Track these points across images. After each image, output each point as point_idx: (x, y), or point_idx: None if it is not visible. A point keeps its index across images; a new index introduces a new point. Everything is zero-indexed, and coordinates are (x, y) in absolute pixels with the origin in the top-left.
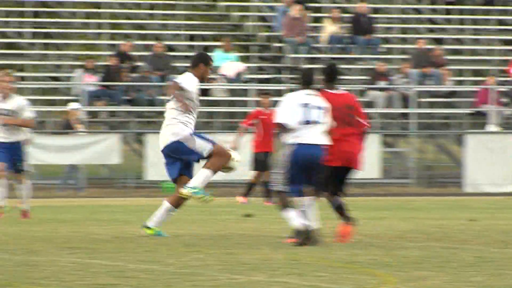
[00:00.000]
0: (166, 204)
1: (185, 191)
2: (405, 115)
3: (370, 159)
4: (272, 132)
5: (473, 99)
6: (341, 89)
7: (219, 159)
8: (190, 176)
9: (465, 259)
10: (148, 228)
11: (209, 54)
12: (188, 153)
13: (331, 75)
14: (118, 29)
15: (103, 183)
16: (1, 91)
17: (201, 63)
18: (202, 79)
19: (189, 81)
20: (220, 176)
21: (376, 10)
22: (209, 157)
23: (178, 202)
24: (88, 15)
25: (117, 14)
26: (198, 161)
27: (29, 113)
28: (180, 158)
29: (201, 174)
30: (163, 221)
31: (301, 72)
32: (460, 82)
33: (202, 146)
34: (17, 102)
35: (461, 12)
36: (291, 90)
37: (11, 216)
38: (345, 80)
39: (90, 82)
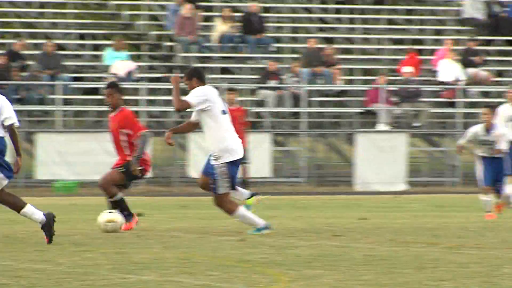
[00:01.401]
0: None
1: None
2: (296, 114)
3: (261, 158)
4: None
5: (363, 98)
6: None
7: None
8: None
9: (356, 258)
10: None
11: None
12: None
13: None
14: (8, 27)
15: None
16: None
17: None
18: None
19: None
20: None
21: (267, 9)
22: None
23: None
24: None
25: (7, 12)
26: None
27: None
28: None
29: None
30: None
31: None
32: (350, 81)
33: None
34: None
35: (351, 11)
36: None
37: None
38: (236, 79)
39: None
